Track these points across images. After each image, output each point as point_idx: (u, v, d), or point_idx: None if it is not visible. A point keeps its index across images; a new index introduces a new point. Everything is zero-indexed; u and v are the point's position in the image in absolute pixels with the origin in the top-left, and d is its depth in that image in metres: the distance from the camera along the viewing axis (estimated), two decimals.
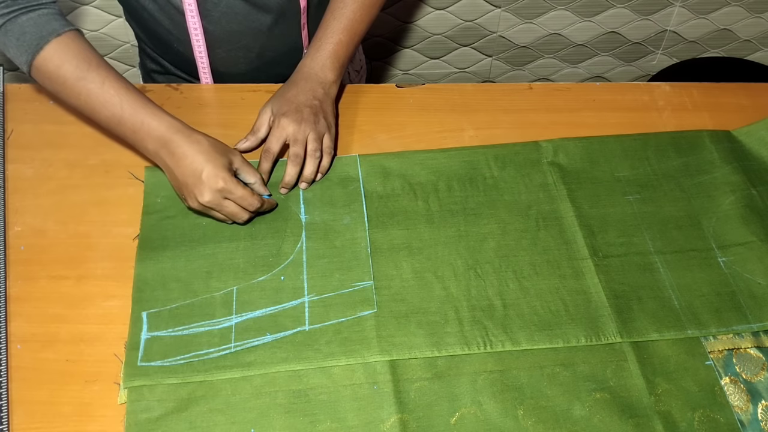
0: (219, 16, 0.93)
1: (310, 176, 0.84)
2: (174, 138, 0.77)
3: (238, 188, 0.77)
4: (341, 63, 0.90)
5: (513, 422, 0.70)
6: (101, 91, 0.77)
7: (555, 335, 0.76)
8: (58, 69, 0.77)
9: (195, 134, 0.78)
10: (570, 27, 1.63)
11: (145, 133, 0.77)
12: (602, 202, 0.88)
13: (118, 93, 0.77)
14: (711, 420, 0.72)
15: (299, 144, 0.83)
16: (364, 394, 0.70)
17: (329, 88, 0.88)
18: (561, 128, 0.95)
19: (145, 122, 0.77)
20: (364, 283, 0.78)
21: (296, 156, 0.82)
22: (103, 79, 0.77)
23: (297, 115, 0.83)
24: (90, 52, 0.79)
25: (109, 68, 0.79)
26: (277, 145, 0.83)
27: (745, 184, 0.90)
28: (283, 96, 0.86)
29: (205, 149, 0.77)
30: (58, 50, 0.77)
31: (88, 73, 0.77)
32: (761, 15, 1.67)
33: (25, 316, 0.74)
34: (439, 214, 0.85)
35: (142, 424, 0.67)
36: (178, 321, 0.74)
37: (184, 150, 0.76)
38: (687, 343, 0.77)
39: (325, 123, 0.85)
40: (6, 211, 0.82)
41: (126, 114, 0.77)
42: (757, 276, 0.82)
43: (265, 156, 0.83)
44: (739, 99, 1.02)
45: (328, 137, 0.85)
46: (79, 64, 0.77)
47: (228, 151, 0.79)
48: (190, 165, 0.76)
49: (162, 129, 0.77)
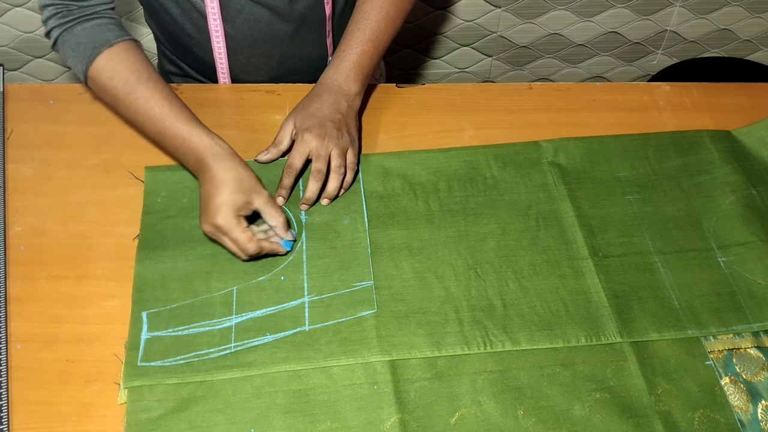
0: (241, 23, 0.92)
1: (333, 192, 0.82)
2: (207, 161, 0.77)
3: (235, 231, 0.74)
4: (365, 74, 0.88)
5: (513, 422, 0.70)
6: (147, 107, 0.79)
7: (555, 335, 0.76)
8: (109, 81, 0.79)
9: (229, 161, 0.77)
10: (570, 27, 1.63)
11: (185, 150, 0.79)
12: (602, 202, 0.88)
13: (163, 109, 0.78)
14: (711, 420, 0.72)
15: (322, 160, 0.81)
16: (364, 394, 0.70)
17: (353, 100, 0.87)
18: (561, 128, 0.95)
19: (186, 140, 0.78)
20: (364, 283, 0.78)
21: (318, 172, 0.81)
22: (150, 94, 0.79)
23: (320, 130, 0.81)
24: (140, 64, 0.80)
25: (158, 82, 0.80)
26: (300, 161, 0.81)
27: (745, 184, 0.90)
28: (306, 109, 0.84)
29: (229, 181, 0.75)
30: (110, 62, 0.79)
31: (136, 87, 0.79)
32: (761, 15, 1.67)
33: (25, 316, 0.74)
34: (439, 214, 0.85)
35: (142, 424, 0.67)
36: (178, 321, 0.74)
37: (212, 174, 0.76)
38: (687, 343, 0.77)
39: (349, 137, 0.84)
40: (6, 211, 0.82)
41: (169, 131, 0.79)
42: (757, 276, 0.82)
43: (288, 172, 0.82)
44: (739, 99, 1.02)
45: (351, 152, 0.83)
46: (129, 77, 0.79)
47: (252, 191, 0.76)
48: (209, 191, 0.76)
49: (200, 149, 0.77)
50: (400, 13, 0.91)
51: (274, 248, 0.77)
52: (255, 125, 0.93)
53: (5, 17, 1.44)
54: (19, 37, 1.49)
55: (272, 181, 0.86)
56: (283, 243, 0.78)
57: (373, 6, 0.89)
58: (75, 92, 0.94)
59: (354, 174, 0.84)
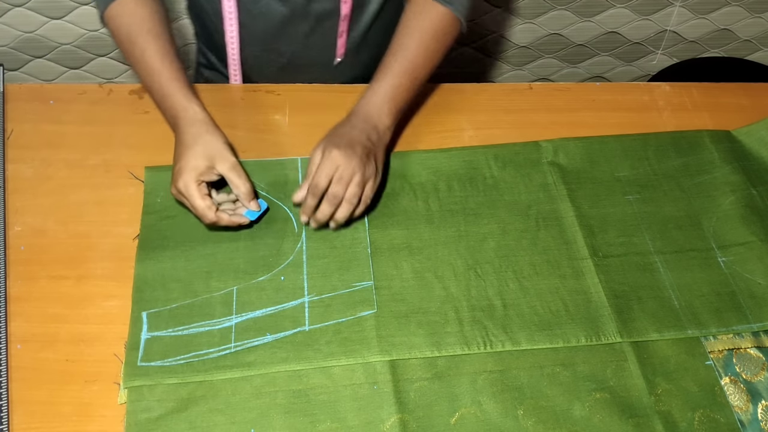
0: (257, 14, 0.92)
1: (341, 221, 0.79)
2: (179, 123, 0.78)
3: (194, 197, 0.74)
4: (399, 108, 0.85)
5: (513, 422, 0.70)
6: (143, 59, 0.80)
7: (555, 335, 0.76)
8: (117, 29, 0.82)
9: (199, 126, 0.77)
10: (570, 27, 1.63)
11: (164, 108, 0.79)
12: (602, 202, 0.88)
13: (154, 63, 0.79)
14: (711, 420, 0.72)
15: (342, 184, 0.77)
16: (364, 394, 0.70)
17: (383, 133, 0.83)
18: (561, 128, 0.95)
19: (166, 97, 0.79)
20: (364, 283, 0.78)
21: (334, 197, 0.77)
22: (147, 46, 0.80)
23: (349, 150, 0.77)
24: (147, 16, 0.81)
25: (159, 36, 0.81)
26: (325, 181, 0.77)
27: (745, 184, 0.90)
28: (337, 132, 0.81)
29: (193, 145, 0.76)
30: (122, 10, 0.81)
31: (137, 38, 0.80)
32: (761, 15, 1.67)
33: (25, 316, 0.74)
34: (439, 214, 0.85)
35: (142, 424, 0.67)
36: (178, 321, 0.74)
37: (181, 138, 0.77)
38: (687, 343, 0.77)
39: (374, 168, 0.80)
40: (6, 211, 0.82)
41: (155, 85, 0.80)
42: (757, 276, 0.82)
43: (312, 192, 0.77)
44: (739, 99, 1.02)
45: (371, 185, 0.79)
46: (133, 27, 0.81)
47: (217, 156, 0.76)
48: (177, 154, 0.77)
49: (176, 109, 0.78)
50: (440, 47, 0.88)
51: (234, 221, 0.76)
52: (255, 125, 0.93)
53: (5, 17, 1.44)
54: (19, 37, 1.49)
55: (273, 181, 0.86)
56: (246, 213, 0.77)
57: (412, 38, 0.86)
58: (75, 92, 0.94)
59: (365, 208, 0.80)
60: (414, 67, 0.85)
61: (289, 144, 0.91)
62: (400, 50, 0.86)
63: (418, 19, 0.87)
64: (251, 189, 0.77)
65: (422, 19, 0.87)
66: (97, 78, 1.61)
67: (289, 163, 0.88)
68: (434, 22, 0.87)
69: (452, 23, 0.88)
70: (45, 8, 1.44)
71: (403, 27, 0.88)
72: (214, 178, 0.77)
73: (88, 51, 1.54)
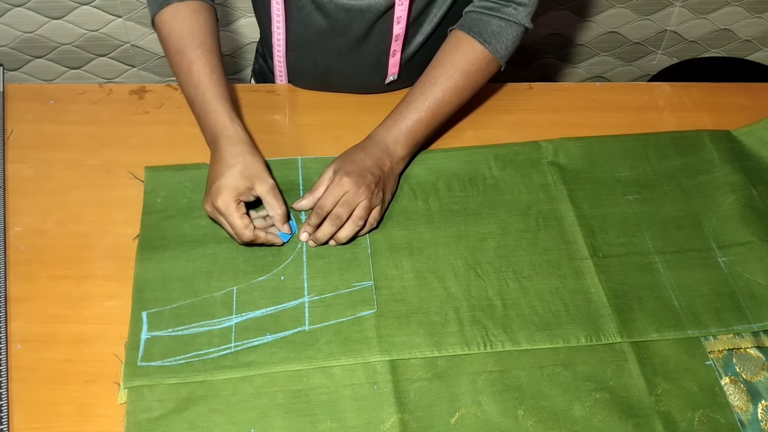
0: (299, 20, 0.91)
1: (343, 240, 0.79)
2: (220, 141, 0.77)
3: (233, 216, 0.74)
4: (416, 141, 0.85)
5: (513, 422, 0.70)
6: (189, 71, 0.79)
7: (555, 335, 0.76)
8: (167, 35, 0.81)
9: (240, 145, 0.76)
10: (570, 27, 1.63)
11: (205, 124, 0.79)
12: (602, 202, 0.88)
13: (201, 78, 0.79)
14: (711, 420, 0.72)
15: (347, 207, 0.77)
16: (364, 394, 0.70)
17: (396, 163, 0.83)
18: (561, 128, 0.95)
19: (208, 114, 0.78)
20: (364, 283, 0.78)
21: (337, 217, 0.77)
22: (195, 59, 0.79)
23: (359, 179, 0.78)
24: (199, 27, 0.81)
25: (208, 50, 0.80)
26: (331, 204, 0.78)
27: (745, 184, 0.90)
28: (349, 156, 0.81)
29: (235, 164, 0.75)
30: (173, 17, 0.81)
31: (186, 48, 0.79)
32: (761, 15, 1.67)
33: (25, 316, 0.74)
34: (439, 214, 0.85)
35: (142, 424, 0.67)
36: (179, 321, 0.74)
37: (221, 155, 0.76)
38: (687, 343, 0.77)
39: (381, 197, 0.80)
40: (6, 211, 0.82)
41: (197, 100, 0.79)
42: (757, 276, 0.82)
43: (317, 212, 0.78)
44: (739, 99, 1.02)
45: (377, 211, 0.80)
46: (184, 37, 0.80)
47: (256, 177, 0.76)
48: (215, 171, 0.76)
49: (217, 127, 0.78)
50: (470, 85, 0.86)
51: (270, 239, 0.77)
52: (255, 125, 0.92)
53: (5, 17, 1.44)
54: (19, 37, 1.49)
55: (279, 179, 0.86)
56: (280, 234, 0.78)
57: (442, 73, 0.85)
58: (75, 92, 0.94)
59: (369, 231, 0.81)
60: (439, 103, 0.84)
61: (289, 144, 0.91)
62: (428, 84, 0.85)
63: (453, 54, 0.86)
64: (286, 212, 0.78)
65: (457, 54, 0.86)
66: (97, 78, 1.61)
67: (289, 163, 0.88)
68: (469, 59, 0.85)
69: (488, 62, 0.87)
70: (45, 8, 1.44)
71: (438, 60, 0.86)
72: (251, 199, 0.77)
73: (88, 51, 1.55)
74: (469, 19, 0.87)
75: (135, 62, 1.59)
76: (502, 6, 0.86)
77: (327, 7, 0.88)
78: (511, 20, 0.86)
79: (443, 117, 0.86)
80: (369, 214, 0.79)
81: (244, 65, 1.62)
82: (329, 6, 0.87)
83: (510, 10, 0.86)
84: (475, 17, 0.87)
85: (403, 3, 0.86)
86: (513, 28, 0.86)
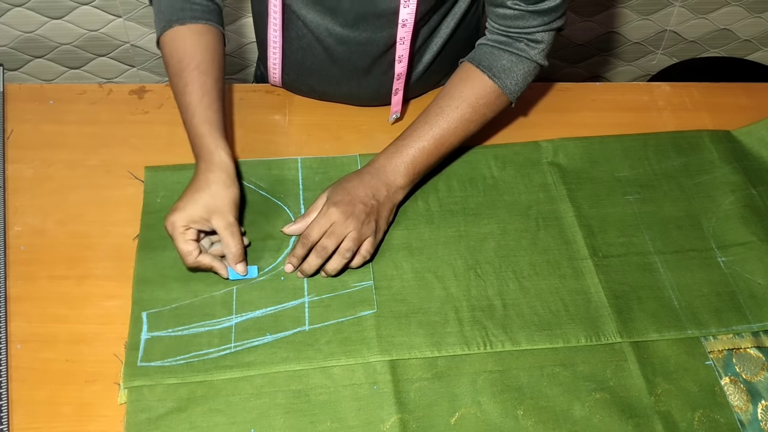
0: (297, 48, 0.90)
1: (332, 272, 0.77)
2: (200, 164, 0.76)
3: (177, 240, 0.73)
4: (417, 171, 0.82)
5: (513, 422, 0.70)
6: (184, 93, 0.79)
7: (555, 335, 0.76)
8: (169, 56, 0.81)
9: (217, 173, 0.74)
10: (570, 27, 1.63)
11: (193, 144, 0.78)
12: (602, 202, 0.88)
13: (193, 99, 0.78)
14: (711, 420, 0.72)
15: (334, 238, 0.75)
16: (364, 394, 0.70)
17: (394, 192, 0.81)
18: (561, 128, 0.95)
19: (197, 136, 0.77)
20: (364, 283, 0.78)
21: (323, 249, 0.75)
22: (191, 80, 0.78)
23: (348, 208, 0.76)
24: (200, 49, 0.80)
25: (205, 73, 0.79)
26: (317, 234, 0.76)
27: (745, 184, 0.90)
28: (343, 185, 0.80)
29: (201, 190, 0.74)
30: (175, 38, 0.80)
31: (183, 70, 0.79)
32: (761, 15, 1.67)
33: (25, 316, 0.74)
34: (439, 214, 0.85)
35: (142, 424, 0.67)
36: (178, 321, 0.74)
37: (196, 178, 0.75)
38: (687, 343, 0.77)
39: (374, 227, 0.78)
40: (6, 211, 0.82)
41: (190, 122, 0.78)
42: (757, 276, 0.82)
43: (302, 243, 0.76)
44: (739, 99, 1.02)
45: (369, 241, 0.77)
46: (183, 58, 0.80)
47: (217, 211, 0.73)
48: (186, 191, 0.75)
49: (202, 150, 0.76)
50: (477, 118, 0.84)
51: (216, 267, 0.75)
52: (255, 125, 0.93)
53: (5, 17, 1.44)
54: (19, 37, 1.49)
55: (273, 181, 0.86)
56: (230, 270, 0.75)
57: (449, 103, 0.83)
58: (75, 92, 0.94)
59: (363, 262, 0.78)
60: (444, 133, 0.82)
61: (289, 144, 0.91)
62: (434, 113, 0.83)
63: (461, 85, 0.84)
64: (241, 252, 0.75)
65: (466, 86, 0.84)
66: (97, 78, 1.61)
67: (289, 163, 0.88)
68: (477, 92, 0.83)
69: (497, 96, 0.84)
70: (45, 8, 1.44)
71: (446, 90, 0.85)
72: (207, 229, 0.75)
73: (88, 51, 1.55)
74: (480, 53, 0.85)
75: (135, 62, 1.59)
76: (514, 41, 0.84)
77: (326, 40, 0.87)
78: (522, 56, 0.84)
79: (447, 148, 0.83)
80: (359, 245, 0.77)
81: (244, 65, 1.62)
82: (328, 39, 0.87)
83: (522, 46, 0.84)
84: (486, 51, 0.85)
85: (404, 42, 0.84)
86: (524, 64, 0.84)
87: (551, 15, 0.82)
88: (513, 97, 0.85)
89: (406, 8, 0.80)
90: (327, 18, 0.85)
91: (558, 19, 0.84)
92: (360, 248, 0.77)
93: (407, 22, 0.82)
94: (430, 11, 0.86)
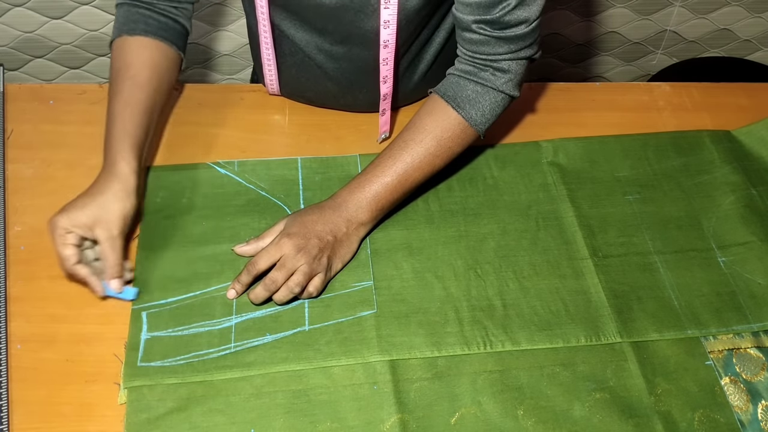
0: (291, 64, 0.90)
1: (279, 302, 0.75)
2: (103, 172, 0.76)
3: (55, 241, 0.71)
4: (380, 207, 0.79)
5: (513, 422, 0.70)
6: (111, 101, 0.80)
7: (555, 335, 0.76)
8: (114, 62, 0.83)
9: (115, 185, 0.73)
10: (570, 27, 1.63)
11: (105, 152, 0.78)
12: (602, 202, 0.88)
13: (116, 108, 0.79)
14: (711, 420, 0.72)
15: (284, 271, 0.73)
16: (364, 394, 0.70)
17: (355, 228, 0.79)
18: (561, 128, 0.95)
19: (110, 147, 0.77)
20: (364, 284, 0.78)
21: (273, 282, 0.73)
22: (120, 90, 0.80)
23: (301, 242, 0.74)
24: (139, 62, 0.81)
25: (137, 86, 0.80)
26: (265, 264, 0.74)
27: (745, 184, 0.90)
28: (302, 216, 0.77)
29: (93, 196, 0.72)
30: (119, 47, 0.83)
31: (116, 79, 0.81)
32: (761, 15, 1.67)
33: (25, 316, 0.74)
34: (439, 214, 0.85)
35: (142, 424, 0.67)
36: (178, 321, 0.74)
37: (96, 182, 0.75)
38: (687, 343, 0.77)
39: (325, 263, 0.75)
40: (6, 211, 0.82)
41: (108, 130, 0.79)
42: (757, 276, 0.82)
43: (248, 270, 0.74)
44: (739, 99, 1.02)
45: (319, 278, 0.75)
46: (121, 68, 0.81)
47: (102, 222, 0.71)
48: (83, 193, 0.74)
49: (109, 160, 0.76)
50: (443, 153, 0.81)
51: (91, 282, 0.73)
52: (254, 125, 0.93)
53: (5, 17, 1.44)
54: (19, 37, 1.49)
55: (273, 181, 0.86)
56: (104, 283, 0.73)
57: (414, 137, 0.80)
58: (75, 92, 0.94)
59: (307, 298, 0.76)
60: (408, 169, 0.79)
61: (289, 144, 0.91)
62: (399, 147, 0.80)
63: (427, 118, 0.81)
64: (118, 267, 0.73)
65: (430, 119, 0.81)
66: (97, 78, 1.61)
67: (289, 163, 0.88)
68: (442, 125, 0.80)
69: (462, 129, 0.81)
70: (45, 8, 1.44)
71: (412, 122, 0.82)
72: (89, 236, 0.72)
73: (88, 51, 1.54)
74: (447, 83, 0.82)
75: None
76: (479, 70, 0.80)
77: (318, 57, 0.87)
78: (488, 86, 0.80)
79: (412, 183, 0.80)
80: (309, 279, 0.74)
81: (244, 65, 1.62)
82: (320, 56, 0.87)
83: (487, 75, 0.80)
84: (453, 81, 0.82)
85: (387, 63, 0.83)
86: (490, 95, 0.81)
87: (518, 43, 0.78)
88: (480, 129, 0.82)
89: (386, 29, 0.79)
90: (315, 36, 0.85)
91: (527, 48, 0.79)
92: (308, 284, 0.75)
93: (389, 43, 0.81)
94: (415, 31, 0.85)
